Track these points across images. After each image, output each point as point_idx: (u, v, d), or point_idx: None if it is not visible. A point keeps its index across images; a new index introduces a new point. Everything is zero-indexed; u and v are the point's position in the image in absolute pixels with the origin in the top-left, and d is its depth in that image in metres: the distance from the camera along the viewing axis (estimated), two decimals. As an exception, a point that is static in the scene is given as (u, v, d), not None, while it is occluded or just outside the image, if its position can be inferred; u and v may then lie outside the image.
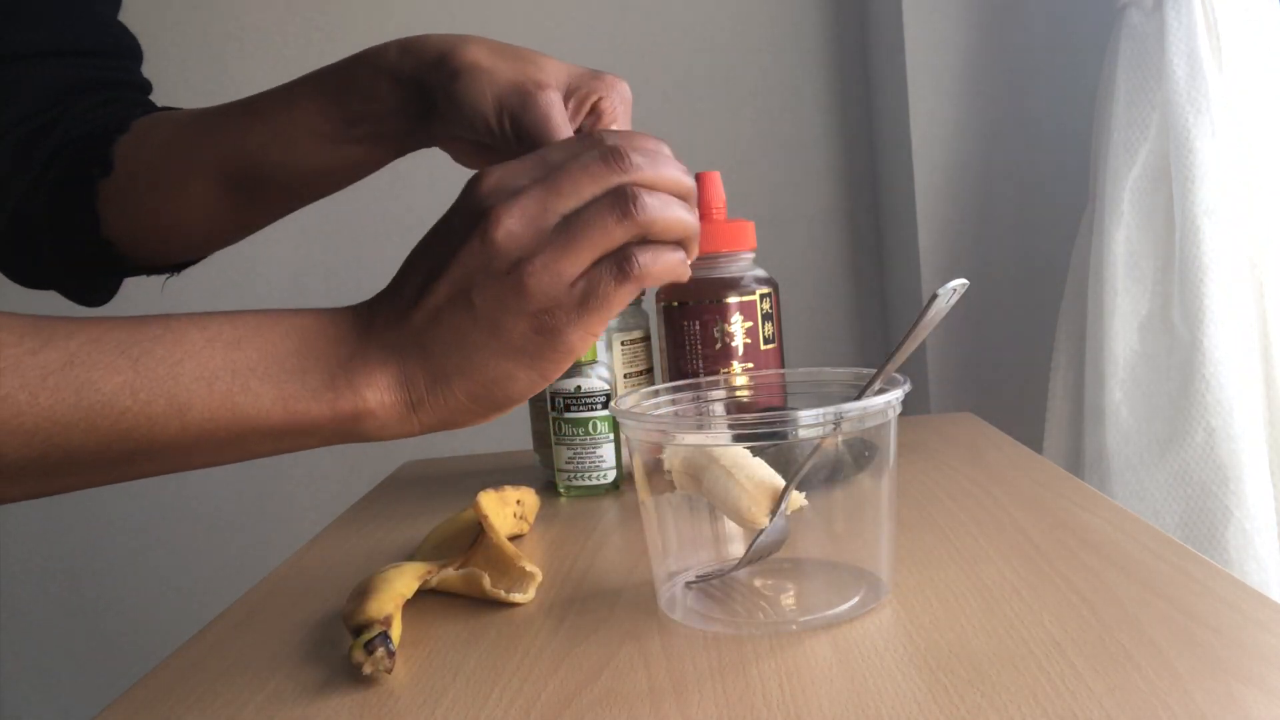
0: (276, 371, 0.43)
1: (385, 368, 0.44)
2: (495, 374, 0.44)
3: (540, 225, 0.43)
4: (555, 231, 0.43)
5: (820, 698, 0.40)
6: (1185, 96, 1.05)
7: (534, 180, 0.43)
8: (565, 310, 0.43)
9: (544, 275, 0.42)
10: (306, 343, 0.44)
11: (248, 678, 0.49)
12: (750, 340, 0.72)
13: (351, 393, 0.44)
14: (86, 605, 1.74)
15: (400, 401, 0.44)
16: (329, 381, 0.44)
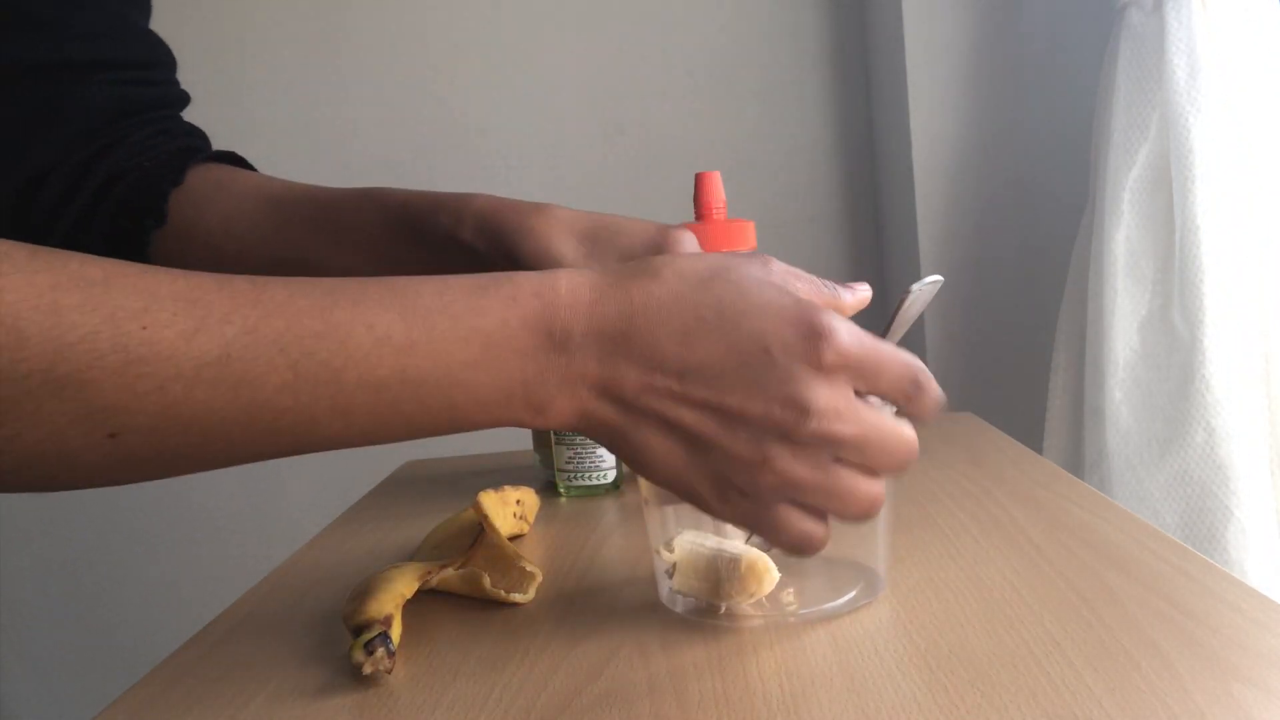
0: (448, 385, 0.41)
1: (574, 397, 0.42)
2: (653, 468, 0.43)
3: (824, 455, 0.42)
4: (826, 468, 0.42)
5: (820, 698, 0.40)
6: (1185, 96, 1.05)
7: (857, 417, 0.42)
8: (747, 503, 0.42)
9: (781, 486, 0.42)
10: (488, 352, 0.41)
11: (248, 678, 0.49)
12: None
13: (529, 411, 0.42)
14: (86, 605, 1.74)
15: (568, 424, 0.43)
16: (505, 399, 0.41)
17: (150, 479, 0.41)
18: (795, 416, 0.41)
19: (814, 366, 0.41)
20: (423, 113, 1.64)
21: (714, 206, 0.74)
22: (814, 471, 0.42)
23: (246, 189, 0.68)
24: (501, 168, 1.65)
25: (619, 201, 1.64)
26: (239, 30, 1.64)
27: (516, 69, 1.64)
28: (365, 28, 1.64)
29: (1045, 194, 1.38)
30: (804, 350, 0.41)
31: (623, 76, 1.64)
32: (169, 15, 1.71)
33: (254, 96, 1.64)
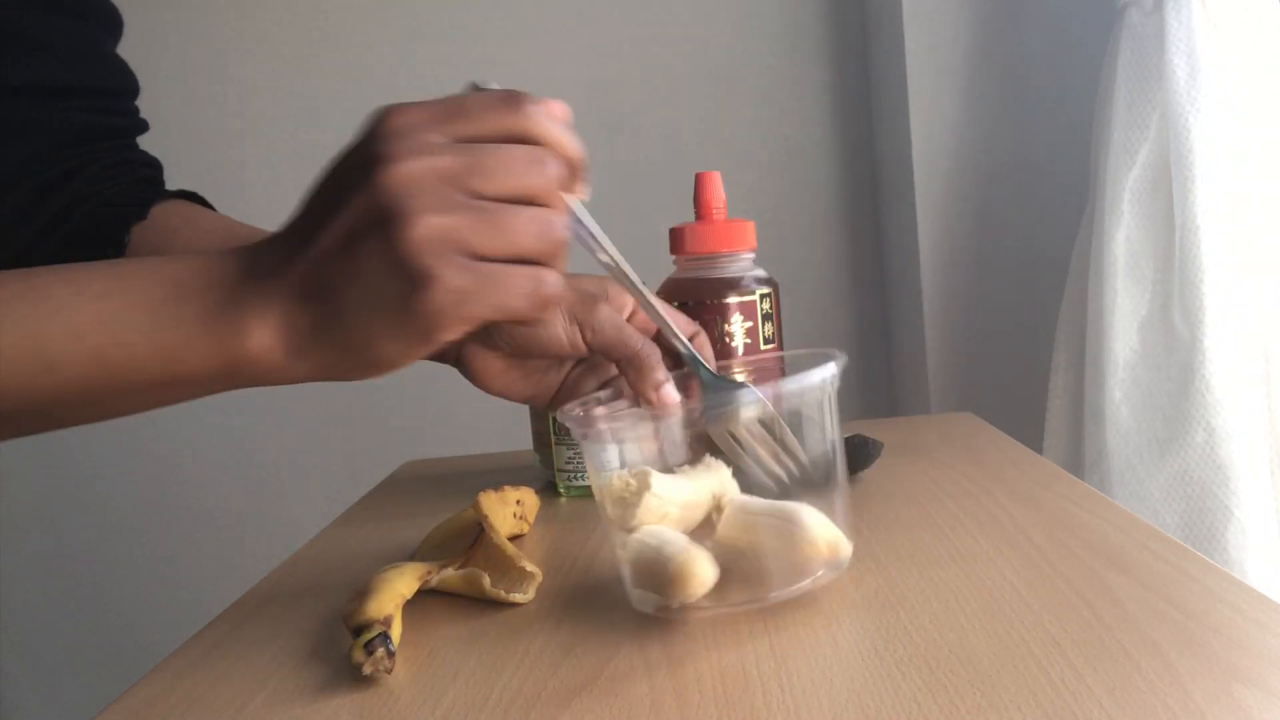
0: (148, 322, 0.42)
1: (265, 314, 0.43)
2: (366, 333, 0.42)
3: (445, 190, 0.41)
4: (465, 206, 0.41)
5: (820, 698, 0.40)
6: (1185, 96, 1.05)
7: (453, 145, 0.42)
8: (455, 281, 0.41)
9: (436, 237, 0.40)
10: (180, 290, 0.43)
11: (248, 678, 0.49)
12: (750, 340, 0.72)
13: (230, 339, 0.42)
14: (86, 605, 1.74)
15: (280, 348, 0.43)
16: (205, 329, 0.42)
17: None
18: (370, 172, 0.41)
19: (378, 135, 0.42)
20: (423, 113, 1.64)
21: (714, 206, 0.74)
22: (455, 213, 0.41)
23: (209, 225, 0.70)
24: (501, 168, 1.65)
25: (619, 201, 1.64)
26: (238, 30, 1.64)
27: (516, 69, 1.64)
28: (365, 28, 1.64)
29: (1045, 194, 1.38)
30: (362, 137, 0.42)
31: (623, 76, 1.64)
32: (169, 15, 1.72)
33: (254, 96, 1.64)
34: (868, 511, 0.66)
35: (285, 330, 0.43)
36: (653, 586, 0.49)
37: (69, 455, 1.71)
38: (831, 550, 0.50)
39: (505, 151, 0.42)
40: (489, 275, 0.41)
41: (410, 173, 0.40)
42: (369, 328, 0.42)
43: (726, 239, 0.74)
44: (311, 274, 0.42)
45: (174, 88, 1.64)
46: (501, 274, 0.42)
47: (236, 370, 0.43)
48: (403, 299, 0.41)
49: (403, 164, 0.40)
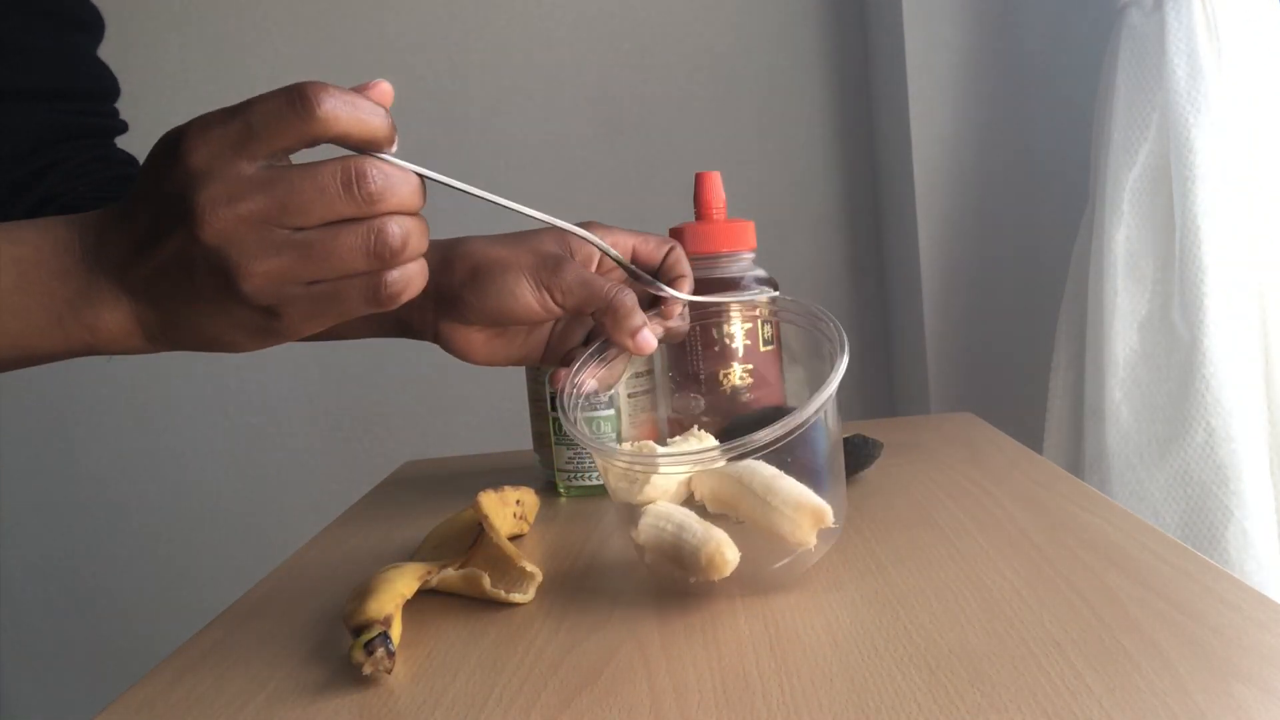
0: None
1: (115, 308, 0.43)
2: (219, 335, 0.44)
3: (265, 232, 0.41)
4: (288, 245, 0.41)
5: (820, 698, 0.40)
6: (1185, 96, 1.05)
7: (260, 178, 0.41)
8: (296, 307, 0.43)
9: (270, 283, 0.42)
10: (26, 278, 0.43)
11: (248, 678, 0.49)
12: (750, 341, 0.72)
13: (81, 330, 0.43)
14: (86, 605, 1.74)
15: (135, 333, 0.44)
16: (55, 320, 0.43)
17: None
18: (191, 230, 0.41)
19: (185, 171, 0.41)
20: (423, 113, 1.64)
21: (714, 206, 0.74)
22: (279, 255, 0.41)
23: None
24: (502, 167, 1.65)
25: (619, 201, 1.64)
26: (238, 30, 1.64)
27: (517, 69, 1.64)
28: (365, 28, 1.64)
29: (1045, 194, 1.38)
30: (170, 165, 0.41)
31: (623, 76, 1.64)
32: (169, 15, 1.72)
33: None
34: (868, 511, 0.66)
35: (135, 323, 0.44)
36: (677, 566, 0.50)
37: (69, 455, 1.71)
38: (815, 520, 0.50)
39: (309, 181, 0.41)
40: (325, 294, 0.43)
41: (225, 226, 0.41)
42: (220, 332, 0.44)
43: (726, 239, 0.74)
44: (154, 283, 0.43)
45: (174, 88, 1.64)
46: (335, 291, 0.43)
47: (93, 350, 0.44)
48: (254, 322, 0.43)
49: (211, 217, 0.40)
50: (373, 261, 0.42)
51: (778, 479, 0.50)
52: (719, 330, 0.72)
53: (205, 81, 1.65)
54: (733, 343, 0.72)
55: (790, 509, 0.49)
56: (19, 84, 0.68)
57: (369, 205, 0.42)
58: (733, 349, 0.72)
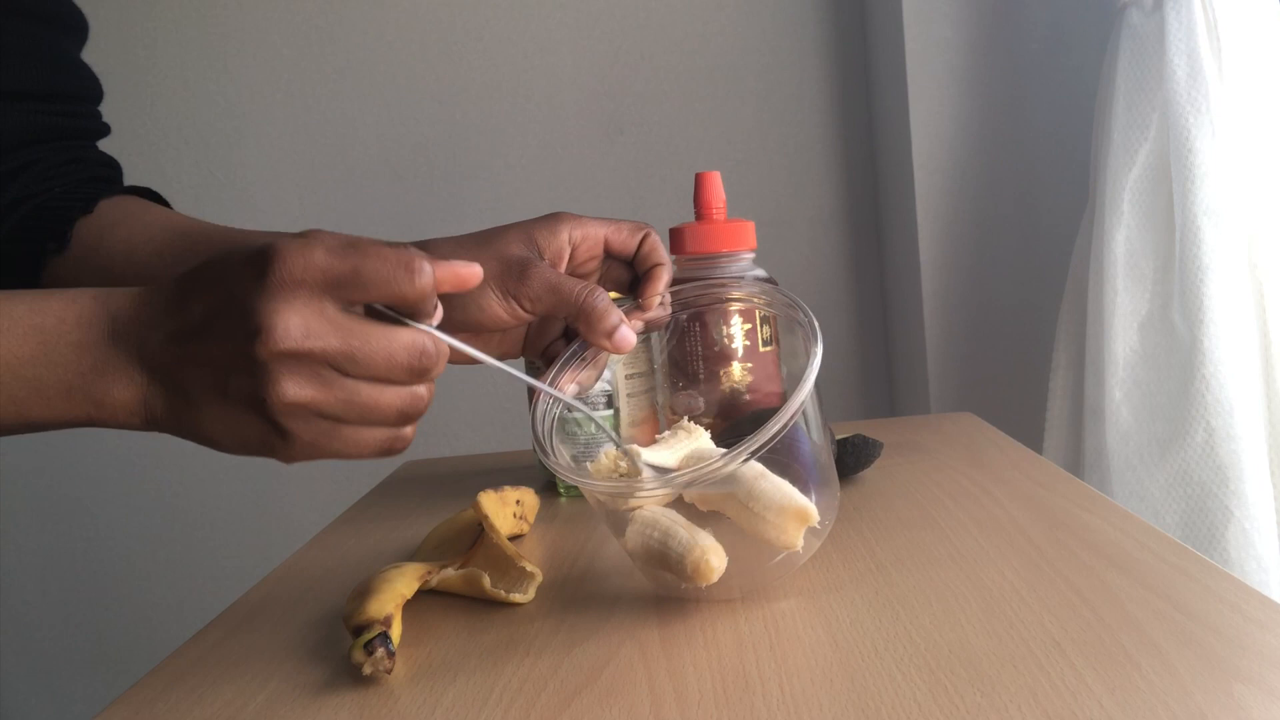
0: (10, 380, 0.43)
1: (128, 386, 0.44)
2: (219, 439, 0.45)
3: (319, 370, 0.43)
4: (331, 384, 0.43)
5: (820, 697, 0.40)
6: (1185, 96, 1.05)
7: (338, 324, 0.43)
8: (311, 437, 0.44)
9: (302, 410, 0.43)
10: (45, 349, 0.44)
11: (248, 678, 0.49)
12: (750, 342, 0.72)
13: (88, 403, 0.44)
14: (86, 605, 1.74)
15: (135, 414, 0.45)
16: (65, 392, 0.44)
17: None
18: (254, 342, 0.41)
19: (266, 290, 0.42)
20: (423, 113, 1.64)
21: (714, 206, 0.74)
22: (322, 390, 0.43)
23: (154, 219, 0.70)
24: (501, 168, 1.65)
25: (619, 201, 1.64)
26: (238, 29, 1.64)
27: (516, 69, 1.64)
28: (364, 28, 1.64)
29: (1045, 194, 1.38)
30: (255, 279, 0.42)
31: (623, 76, 1.64)
32: (169, 15, 1.72)
33: (253, 96, 1.64)
34: (868, 511, 0.66)
35: (142, 404, 0.44)
36: (666, 572, 0.50)
37: (69, 455, 1.71)
38: (800, 522, 0.49)
39: (384, 344, 0.44)
40: (344, 436, 0.45)
41: (289, 353, 0.42)
42: (221, 437, 0.45)
43: (726, 239, 0.74)
44: (177, 373, 0.44)
45: (174, 87, 1.64)
46: (356, 435, 0.45)
47: (89, 423, 0.45)
48: (261, 437, 0.44)
49: (284, 344, 0.41)
50: (400, 420, 0.45)
51: (760, 481, 0.50)
52: (719, 330, 0.72)
53: (203, 81, 1.65)
54: (732, 343, 0.72)
55: (774, 514, 0.49)
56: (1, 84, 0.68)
57: (417, 378, 0.45)
58: (732, 349, 0.72)
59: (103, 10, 1.64)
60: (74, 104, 0.73)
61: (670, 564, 0.49)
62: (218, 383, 0.43)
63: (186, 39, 1.64)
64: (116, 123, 0.77)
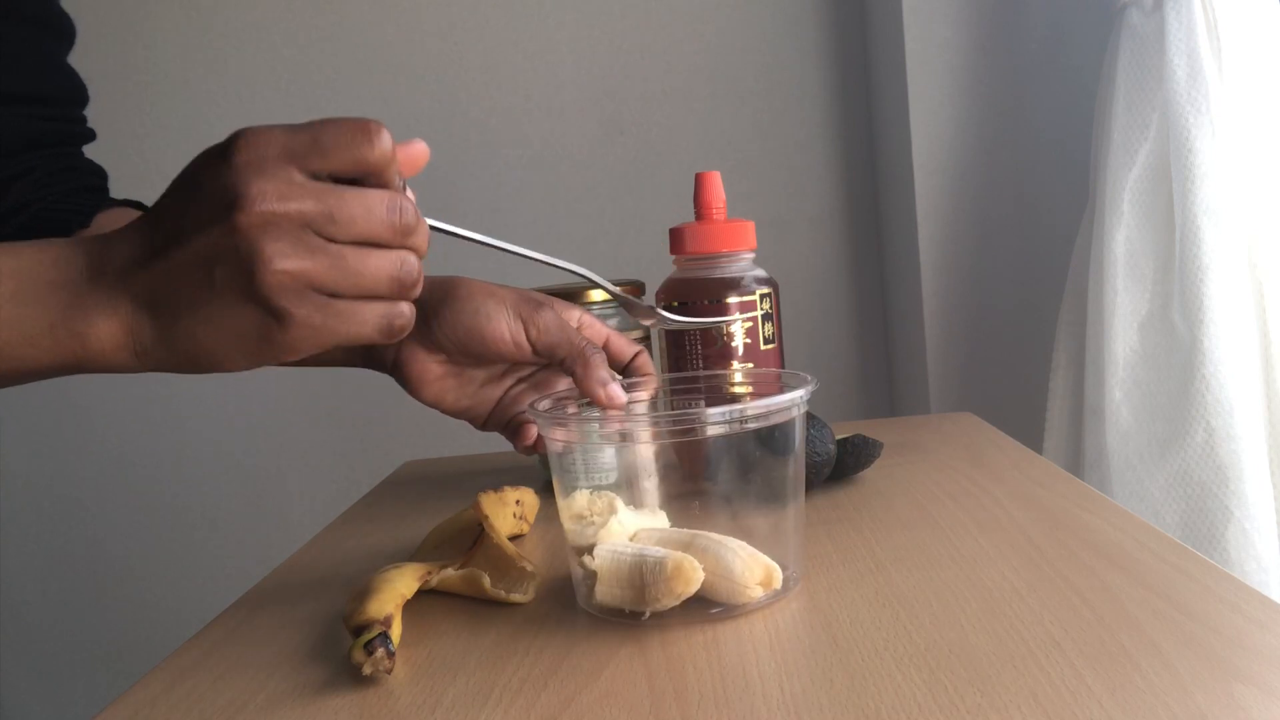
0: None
1: (111, 317, 0.44)
2: (214, 348, 0.44)
3: (301, 234, 0.42)
4: (320, 250, 0.43)
5: (820, 697, 0.40)
6: (1185, 96, 1.05)
7: (310, 187, 0.43)
8: (308, 316, 0.43)
9: (293, 282, 0.42)
10: (23, 287, 0.44)
11: (248, 678, 0.49)
12: (750, 340, 0.72)
13: (72, 339, 0.44)
14: (86, 605, 1.74)
15: (123, 348, 0.44)
16: (47, 329, 0.44)
17: None
18: (232, 212, 0.41)
19: (234, 165, 0.42)
20: (423, 113, 1.64)
21: (714, 206, 0.74)
22: (309, 256, 0.42)
23: None
24: (502, 168, 1.65)
25: (619, 201, 1.64)
26: (238, 29, 1.64)
27: (517, 69, 1.64)
28: (365, 28, 1.64)
29: (1045, 194, 1.38)
30: (222, 160, 0.42)
31: (623, 76, 1.64)
32: (168, 15, 1.72)
33: (253, 96, 1.64)
34: (868, 511, 0.66)
35: (128, 334, 0.44)
36: (632, 593, 0.50)
37: (69, 455, 1.71)
38: (767, 583, 0.50)
39: (359, 200, 0.43)
40: (341, 311, 0.44)
41: (267, 216, 0.42)
42: (215, 344, 0.44)
43: (726, 239, 0.74)
44: (162, 287, 0.43)
45: (174, 86, 1.64)
46: (352, 310, 0.44)
47: (79, 365, 0.45)
48: (257, 329, 0.43)
49: (260, 206, 0.41)
50: (394, 288, 0.45)
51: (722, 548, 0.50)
52: (719, 329, 0.72)
53: (203, 81, 1.65)
54: (733, 341, 0.72)
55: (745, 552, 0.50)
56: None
57: (400, 237, 0.44)
58: (733, 348, 0.72)
59: (103, 10, 1.64)
60: (66, 109, 0.74)
61: (644, 574, 0.49)
62: (204, 279, 0.43)
63: (187, 39, 1.64)
64: (116, 123, 0.77)
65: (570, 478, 0.55)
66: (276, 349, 0.44)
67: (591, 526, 0.53)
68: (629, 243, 1.63)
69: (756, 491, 0.53)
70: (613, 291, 0.60)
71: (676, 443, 0.52)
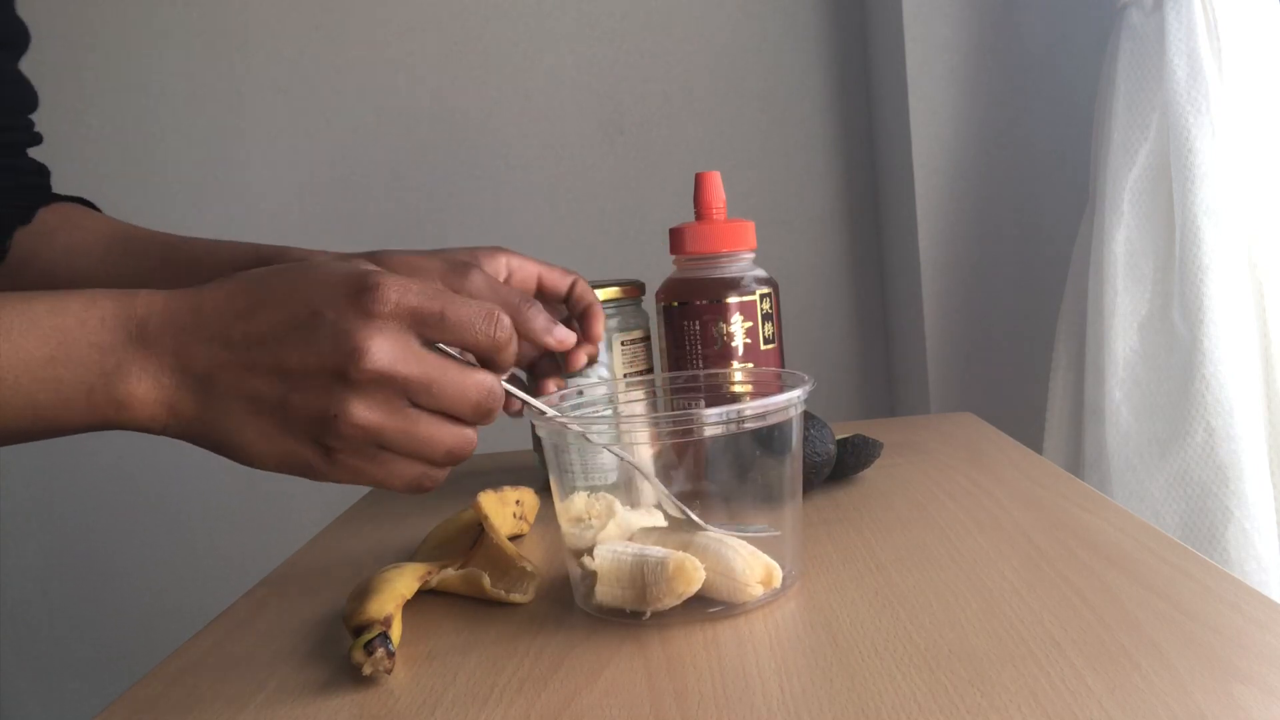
0: (27, 381, 0.42)
1: (153, 385, 0.43)
2: (252, 451, 0.44)
3: (392, 397, 0.44)
4: (399, 413, 0.44)
5: (820, 697, 0.40)
6: (1185, 96, 1.05)
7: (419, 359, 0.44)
8: (356, 461, 0.45)
9: (359, 434, 0.43)
10: (65, 348, 0.43)
11: (248, 678, 0.49)
12: (750, 340, 0.72)
13: (108, 405, 0.43)
14: (86, 605, 1.74)
15: (160, 416, 0.44)
16: (85, 393, 0.43)
17: None
18: (346, 360, 0.43)
19: (365, 316, 0.43)
20: (423, 113, 1.64)
21: (714, 206, 0.74)
22: (390, 417, 0.44)
23: (94, 225, 0.71)
24: (502, 168, 1.65)
25: (619, 201, 1.64)
26: (238, 29, 1.64)
27: (516, 69, 1.64)
28: (364, 28, 1.64)
29: (1045, 194, 1.38)
30: (353, 304, 0.43)
31: (623, 76, 1.64)
32: (168, 15, 1.72)
33: (253, 96, 1.64)
34: (868, 511, 0.66)
35: (166, 406, 0.44)
36: (633, 593, 0.50)
37: (70, 456, 1.71)
38: (767, 582, 0.51)
39: (459, 380, 0.45)
40: (385, 463, 0.46)
41: (373, 376, 0.43)
42: (255, 448, 0.44)
43: (726, 239, 0.74)
44: (228, 380, 0.43)
45: (175, 88, 1.64)
46: (395, 464, 0.46)
47: (110, 425, 0.45)
48: (304, 457, 0.44)
49: (374, 365, 0.43)
50: (445, 459, 0.47)
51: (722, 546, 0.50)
52: (719, 329, 0.72)
53: (203, 81, 1.65)
54: (733, 341, 0.72)
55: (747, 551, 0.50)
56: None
57: (479, 419, 0.47)
58: (733, 347, 0.72)
59: (103, 10, 1.65)
60: (10, 118, 0.74)
61: (646, 571, 0.49)
62: (278, 397, 0.43)
63: (186, 38, 1.64)
64: (116, 122, 0.77)
65: (569, 478, 0.55)
66: (312, 476, 0.45)
67: (590, 529, 0.53)
68: (629, 243, 1.63)
69: (755, 491, 0.53)
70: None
71: (676, 443, 0.52)
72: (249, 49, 1.64)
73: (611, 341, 0.79)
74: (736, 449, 0.52)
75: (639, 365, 0.80)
